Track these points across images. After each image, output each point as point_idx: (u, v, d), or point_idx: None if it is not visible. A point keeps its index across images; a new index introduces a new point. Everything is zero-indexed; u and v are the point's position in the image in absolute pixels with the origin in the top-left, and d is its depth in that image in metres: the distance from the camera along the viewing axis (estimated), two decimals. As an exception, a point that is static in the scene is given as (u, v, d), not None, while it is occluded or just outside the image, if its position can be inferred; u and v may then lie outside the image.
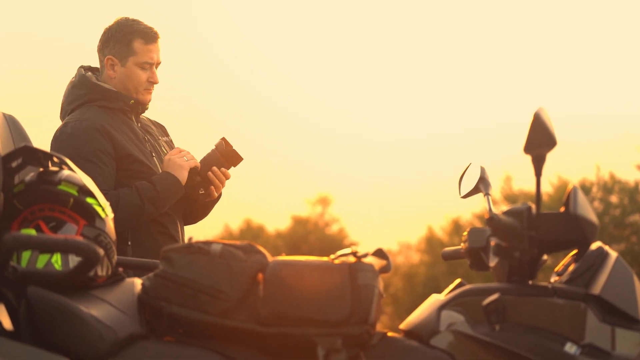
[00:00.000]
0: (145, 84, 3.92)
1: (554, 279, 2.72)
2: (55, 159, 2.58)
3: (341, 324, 2.36)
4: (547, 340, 2.44)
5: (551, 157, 2.52)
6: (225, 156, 3.90)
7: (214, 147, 3.92)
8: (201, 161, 3.90)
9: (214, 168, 3.88)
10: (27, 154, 2.56)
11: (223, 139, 3.93)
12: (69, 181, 2.53)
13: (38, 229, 2.48)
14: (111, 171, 3.73)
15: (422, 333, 2.52)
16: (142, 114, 4.02)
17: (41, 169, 2.56)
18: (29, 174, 2.56)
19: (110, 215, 2.58)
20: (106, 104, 3.86)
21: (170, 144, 4.11)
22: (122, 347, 2.33)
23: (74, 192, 2.52)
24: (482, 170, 3.12)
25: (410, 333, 2.55)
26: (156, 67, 3.95)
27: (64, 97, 3.95)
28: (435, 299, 2.60)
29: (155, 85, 3.97)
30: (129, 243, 3.73)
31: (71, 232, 2.49)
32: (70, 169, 2.58)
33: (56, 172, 2.54)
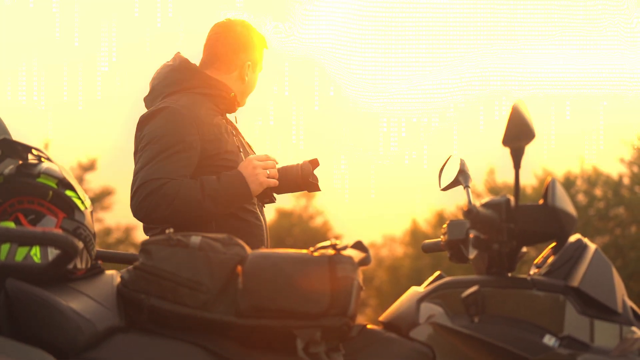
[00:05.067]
0: None
1: (533, 271, 2.72)
2: (34, 152, 2.57)
3: (320, 316, 2.36)
4: (526, 332, 2.44)
5: (535, 149, 2.52)
6: (304, 180, 3.66)
7: (300, 163, 3.67)
8: (279, 171, 3.61)
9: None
10: (6, 146, 2.55)
11: (314, 161, 3.69)
12: (48, 174, 2.52)
13: (17, 221, 2.47)
14: (193, 162, 3.47)
15: (402, 325, 2.52)
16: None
17: (20, 162, 2.54)
18: (8, 167, 2.55)
19: (90, 208, 2.57)
20: (207, 91, 3.64)
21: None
22: (101, 339, 2.32)
23: (53, 184, 2.51)
24: (462, 163, 3.12)
25: (389, 325, 2.56)
26: None
27: (159, 79, 3.69)
28: (414, 292, 2.60)
29: None
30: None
31: (50, 224, 2.48)
32: (49, 161, 2.57)
33: (35, 165, 2.53)
